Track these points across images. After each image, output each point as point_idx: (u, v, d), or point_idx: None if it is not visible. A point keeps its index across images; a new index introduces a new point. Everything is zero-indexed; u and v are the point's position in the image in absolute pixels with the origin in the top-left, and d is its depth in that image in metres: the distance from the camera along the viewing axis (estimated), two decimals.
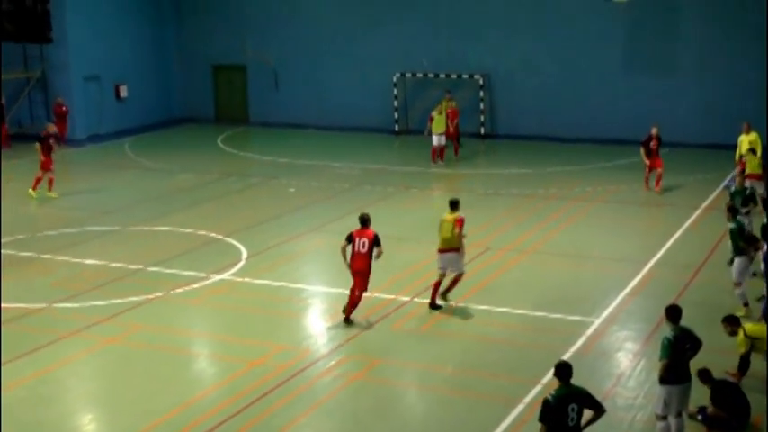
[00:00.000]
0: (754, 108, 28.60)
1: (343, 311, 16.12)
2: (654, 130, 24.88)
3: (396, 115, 35.51)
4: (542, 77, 33.72)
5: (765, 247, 15.34)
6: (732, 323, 13.11)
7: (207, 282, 18.42)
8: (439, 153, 29.20)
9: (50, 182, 25.80)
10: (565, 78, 33.40)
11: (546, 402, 9.76)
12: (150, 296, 17.53)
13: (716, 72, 31.48)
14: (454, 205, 16.56)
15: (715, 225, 20.88)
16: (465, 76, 34.21)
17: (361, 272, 15.91)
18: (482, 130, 34.18)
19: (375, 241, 15.84)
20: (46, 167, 25.66)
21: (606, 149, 31.26)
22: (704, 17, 31.46)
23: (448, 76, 34.48)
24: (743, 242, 16.04)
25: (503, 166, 29.76)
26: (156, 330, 16.01)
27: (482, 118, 34.17)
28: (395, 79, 35.28)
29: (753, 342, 12.91)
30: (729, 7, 31.03)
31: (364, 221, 16.09)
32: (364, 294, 16.08)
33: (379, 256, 15.89)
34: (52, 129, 26.78)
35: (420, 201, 25.16)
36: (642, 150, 25.10)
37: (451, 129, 29.59)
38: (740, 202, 18.51)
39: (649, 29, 32.14)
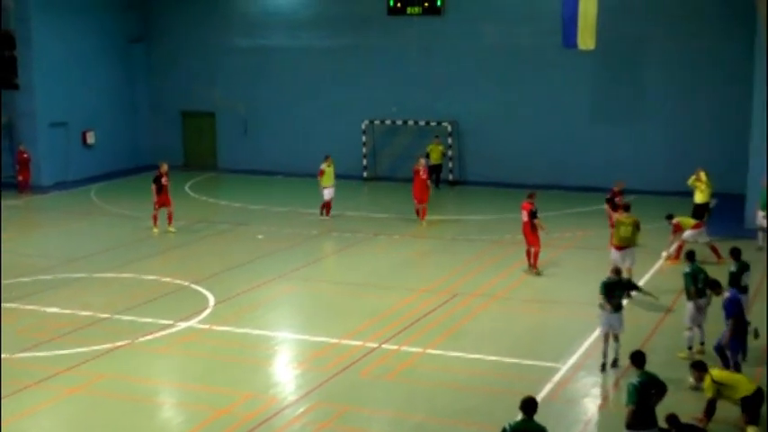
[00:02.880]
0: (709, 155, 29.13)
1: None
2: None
3: (364, 162, 35.66)
4: (510, 125, 34.05)
5: (727, 294, 15.46)
6: (699, 369, 13.25)
7: (173, 329, 18.28)
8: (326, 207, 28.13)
9: (169, 216, 26.89)
10: (532, 126, 33.75)
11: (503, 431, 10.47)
12: (116, 344, 17.35)
13: (680, 120, 31.95)
14: (627, 208, 20.60)
15: (680, 271, 20.96)
16: (433, 124, 34.48)
17: (525, 234, 21.62)
18: (450, 177, 34.41)
19: (530, 214, 21.32)
20: (162, 204, 26.58)
21: (573, 196, 31.53)
22: (669, 66, 31.97)
23: (416, 122, 34.75)
24: (693, 288, 16.21)
25: (470, 212, 29.91)
26: (122, 379, 15.83)
27: (450, 165, 34.42)
28: (364, 126, 35.49)
29: (719, 388, 13.00)
30: (695, 57, 31.54)
31: (528, 195, 21.73)
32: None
33: (536, 227, 21.31)
34: (164, 168, 26.85)
35: (387, 247, 25.16)
36: (607, 207, 23.68)
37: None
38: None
39: (615, 77, 32.60)
